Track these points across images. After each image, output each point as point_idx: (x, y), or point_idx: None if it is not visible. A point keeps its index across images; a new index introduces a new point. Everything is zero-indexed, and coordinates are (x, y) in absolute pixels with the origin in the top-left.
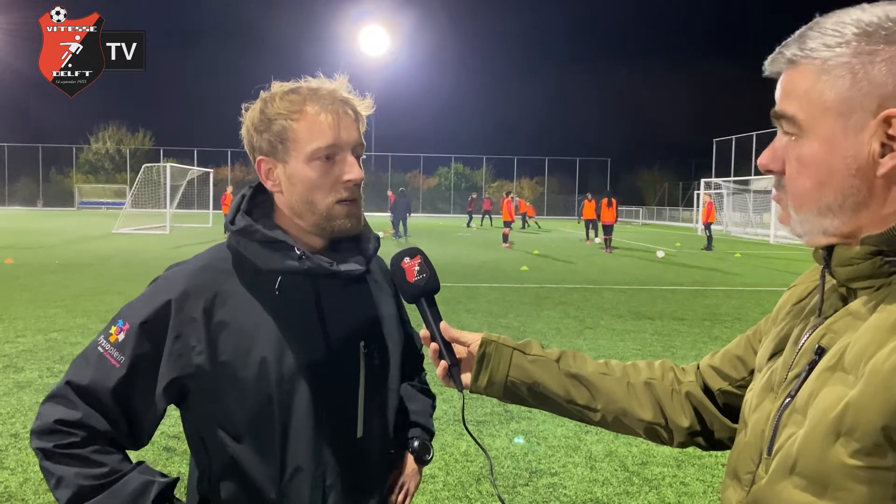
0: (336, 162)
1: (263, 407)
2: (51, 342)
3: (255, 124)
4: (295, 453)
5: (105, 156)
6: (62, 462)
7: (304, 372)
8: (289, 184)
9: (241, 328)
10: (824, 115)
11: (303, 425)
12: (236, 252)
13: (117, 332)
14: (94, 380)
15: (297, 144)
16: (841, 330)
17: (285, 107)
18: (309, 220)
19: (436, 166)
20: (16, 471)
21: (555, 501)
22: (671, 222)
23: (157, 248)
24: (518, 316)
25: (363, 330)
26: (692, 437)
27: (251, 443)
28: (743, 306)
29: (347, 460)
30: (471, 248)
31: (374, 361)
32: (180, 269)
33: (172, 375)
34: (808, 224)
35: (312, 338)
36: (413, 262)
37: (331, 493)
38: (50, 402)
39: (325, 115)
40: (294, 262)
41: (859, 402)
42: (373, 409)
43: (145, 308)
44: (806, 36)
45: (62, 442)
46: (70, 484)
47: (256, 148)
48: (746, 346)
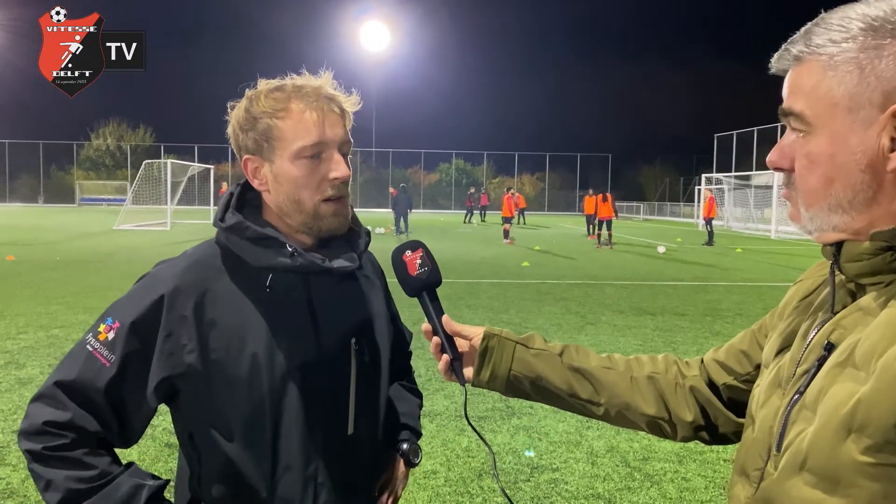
0: (322, 160)
1: (255, 404)
2: (52, 339)
3: (240, 123)
4: (286, 450)
5: (106, 152)
6: (51, 465)
7: (295, 369)
8: (275, 182)
9: (232, 326)
10: (832, 112)
11: (294, 422)
12: (226, 249)
13: (106, 331)
14: (84, 379)
15: (282, 143)
16: (851, 326)
17: (270, 105)
18: (296, 219)
19: (437, 162)
20: (17, 467)
21: (556, 497)
22: (672, 218)
23: (158, 245)
24: (519, 312)
25: (355, 327)
26: (696, 432)
27: (242, 440)
28: (744, 301)
29: (338, 457)
30: (472, 245)
31: (365, 358)
32: (169, 265)
33: (163, 374)
34: (819, 220)
35: (304, 335)
36: (415, 256)
37: (322, 490)
38: (38, 403)
39: (310, 113)
40: (286, 258)
41: (871, 398)
42: (363, 406)
43: (135, 306)
44: (812, 32)
45: (52, 444)
46: (60, 487)
47: (242, 147)
48: (752, 340)
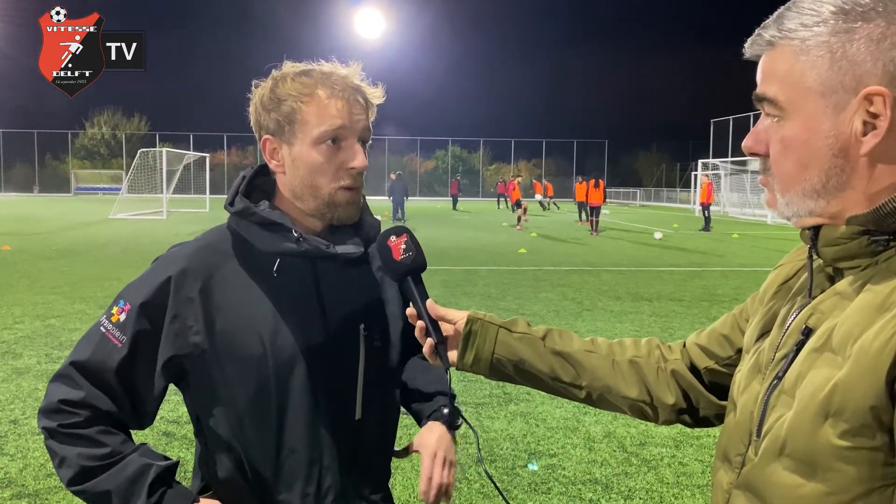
0: (342, 147)
1: (260, 388)
2: (49, 328)
3: (263, 103)
4: (291, 434)
5: (101, 141)
6: (65, 442)
7: (301, 353)
8: (293, 166)
9: (238, 309)
10: (805, 96)
11: (300, 406)
12: (236, 233)
13: (118, 313)
14: (97, 359)
15: (305, 126)
16: (828, 310)
17: (297, 88)
18: (310, 203)
19: (433, 149)
20: (15, 457)
21: (553, 482)
22: (669, 204)
23: (154, 234)
24: (516, 299)
25: (364, 313)
26: (678, 415)
27: (248, 423)
28: (741, 287)
29: (345, 442)
30: (469, 231)
31: (375, 344)
32: (181, 249)
33: (170, 353)
34: (794, 206)
35: (311, 320)
36: (399, 241)
37: (327, 474)
38: (55, 382)
39: (336, 101)
40: (291, 243)
41: (847, 382)
42: (372, 392)
43: (145, 288)
44: (784, 16)
45: (66, 422)
46: (72, 464)
47: (263, 126)
48: (733, 324)
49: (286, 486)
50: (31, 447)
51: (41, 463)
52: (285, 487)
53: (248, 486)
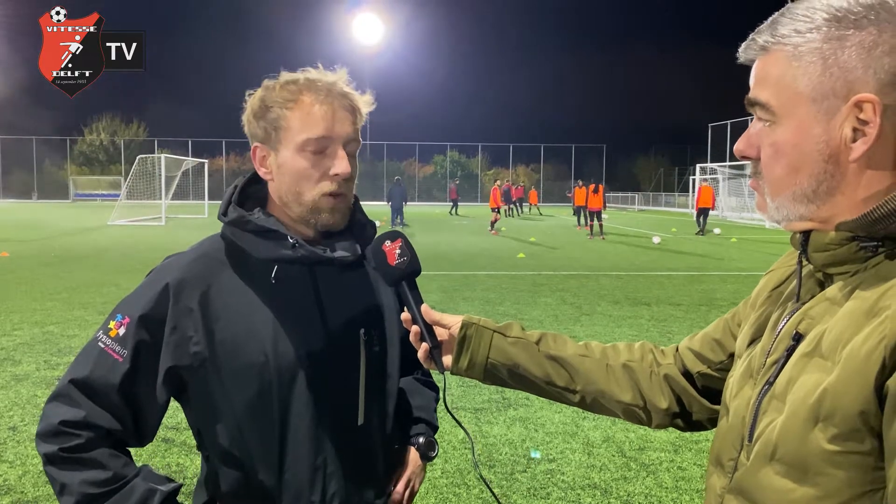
0: (326, 155)
1: (262, 396)
2: (48, 335)
3: (254, 111)
4: (294, 442)
5: (99, 147)
6: (66, 468)
7: (303, 360)
8: (279, 172)
9: (238, 318)
10: (797, 102)
11: (302, 414)
12: (231, 242)
13: (117, 327)
14: (98, 376)
15: (288, 133)
16: (818, 315)
17: (282, 95)
18: (295, 210)
19: (431, 154)
20: (14, 464)
21: (552, 487)
22: (667, 208)
23: (152, 240)
24: (515, 303)
25: (364, 318)
26: (671, 419)
27: (250, 432)
28: (739, 291)
29: (348, 448)
30: (467, 236)
31: (375, 349)
32: (176, 259)
33: (170, 364)
34: (784, 210)
35: (311, 326)
36: (394, 246)
37: (331, 480)
38: (54, 402)
39: (320, 107)
40: (287, 250)
41: (836, 387)
42: (374, 397)
43: (142, 300)
44: (777, 22)
45: (67, 445)
46: (73, 492)
47: (253, 134)
48: (725, 329)
49: (291, 494)
50: (30, 454)
51: (40, 470)
52: (290, 496)
53: (252, 497)
